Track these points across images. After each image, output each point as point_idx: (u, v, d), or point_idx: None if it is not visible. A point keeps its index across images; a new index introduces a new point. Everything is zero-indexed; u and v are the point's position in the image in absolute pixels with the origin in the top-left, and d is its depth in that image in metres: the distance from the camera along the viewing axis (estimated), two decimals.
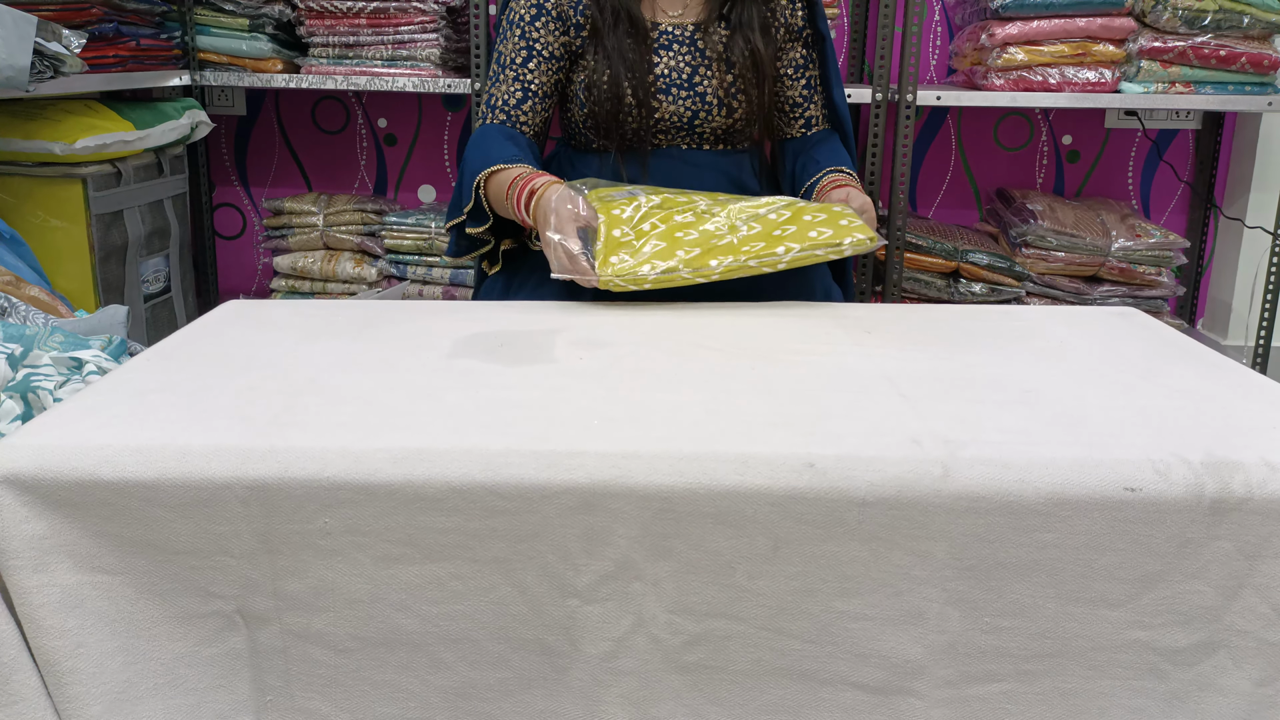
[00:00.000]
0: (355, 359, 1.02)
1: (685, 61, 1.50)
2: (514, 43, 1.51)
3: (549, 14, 1.50)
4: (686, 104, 1.50)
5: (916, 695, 0.83)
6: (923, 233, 2.53)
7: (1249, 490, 0.80)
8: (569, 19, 1.50)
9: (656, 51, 1.50)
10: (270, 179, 2.90)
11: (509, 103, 1.51)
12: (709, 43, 1.50)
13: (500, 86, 1.51)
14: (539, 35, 1.50)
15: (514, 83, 1.51)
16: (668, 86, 1.49)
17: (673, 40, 1.51)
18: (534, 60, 1.50)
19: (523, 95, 1.50)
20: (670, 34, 1.51)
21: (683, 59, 1.50)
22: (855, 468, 0.79)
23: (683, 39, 1.51)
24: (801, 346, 1.09)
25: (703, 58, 1.50)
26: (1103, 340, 1.13)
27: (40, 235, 2.06)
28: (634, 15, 1.48)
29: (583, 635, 0.82)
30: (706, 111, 1.51)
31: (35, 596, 0.78)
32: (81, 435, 0.82)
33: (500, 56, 1.52)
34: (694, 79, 1.50)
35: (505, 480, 0.79)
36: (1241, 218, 2.73)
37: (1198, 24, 2.28)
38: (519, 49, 1.51)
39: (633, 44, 1.47)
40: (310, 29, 2.46)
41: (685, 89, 1.50)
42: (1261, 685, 0.83)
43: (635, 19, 1.48)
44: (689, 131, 1.53)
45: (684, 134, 1.53)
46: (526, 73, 1.50)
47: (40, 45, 1.77)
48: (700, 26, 1.51)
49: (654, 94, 1.49)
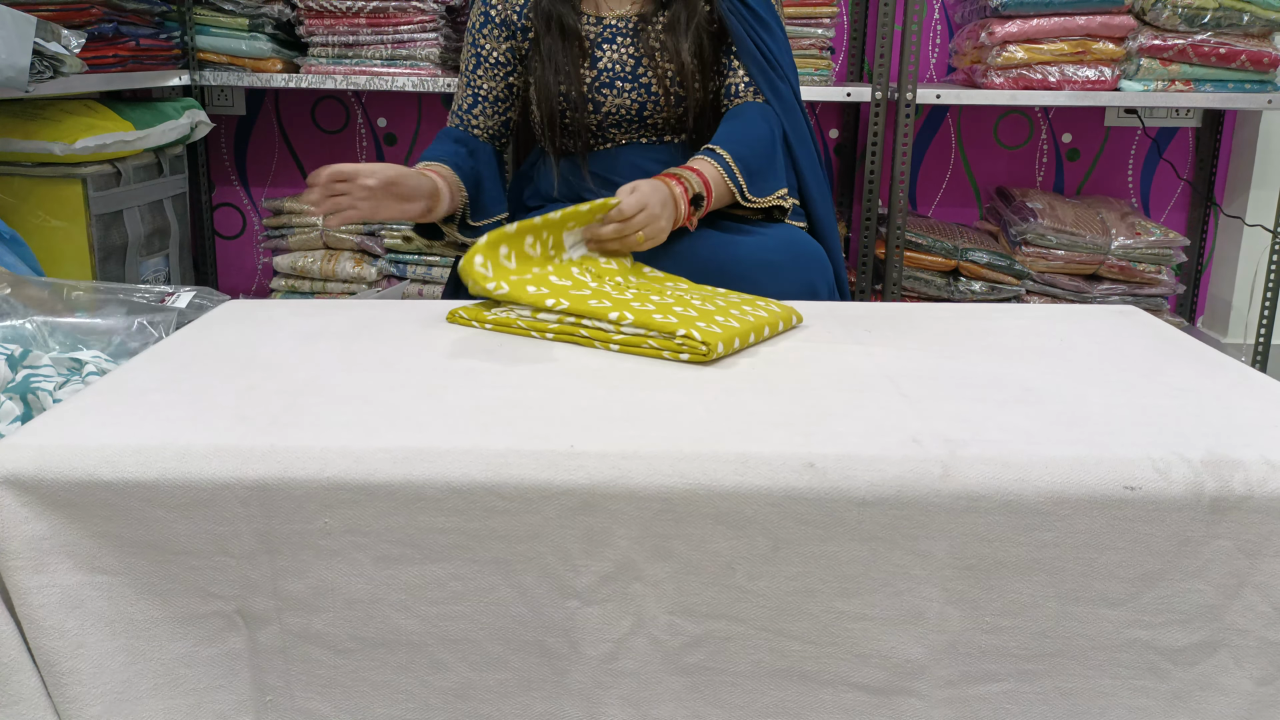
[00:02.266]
0: (355, 359, 1.02)
1: (629, 54, 1.52)
2: (467, 50, 1.60)
3: (493, 21, 1.57)
4: (632, 96, 1.52)
5: (917, 695, 0.83)
6: (922, 231, 2.53)
7: (1249, 489, 0.80)
8: (514, 25, 1.56)
9: (600, 46, 1.53)
10: (270, 179, 2.90)
11: (462, 107, 1.61)
12: (652, 33, 1.52)
13: (458, 92, 1.62)
14: (484, 43, 1.58)
15: (466, 89, 1.61)
16: (611, 80, 1.52)
17: (616, 34, 1.53)
18: (481, 67, 1.58)
19: (473, 100, 1.60)
20: (614, 27, 1.53)
21: (626, 52, 1.53)
22: (855, 467, 0.79)
23: (626, 31, 1.53)
24: (801, 346, 1.09)
25: (646, 49, 1.52)
26: (1103, 339, 1.13)
27: (40, 235, 2.06)
28: (563, 18, 1.51)
29: (582, 636, 0.82)
30: (654, 103, 1.53)
31: (35, 597, 0.78)
32: (81, 436, 0.82)
33: (463, 63, 1.61)
34: (637, 71, 1.52)
35: (505, 480, 0.79)
36: (1241, 216, 2.73)
37: (1198, 22, 2.28)
38: (470, 56, 1.60)
39: (564, 46, 1.51)
40: (310, 29, 2.46)
41: (629, 81, 1.52)
42: (1262, 684, 0.83)
43: (564, 22, 1.51)
44: (640, 124, 1.55)
45: (637, 128, 1.55)
46: (476, 79, 1.59)
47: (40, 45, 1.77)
48: (644, 18, 1.53)
49: (598, 89, 1.52)
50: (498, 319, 1.13)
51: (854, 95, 2.41)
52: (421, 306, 1.25)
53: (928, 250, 2.51)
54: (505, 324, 1.13)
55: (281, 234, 2.68)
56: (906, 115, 2.36)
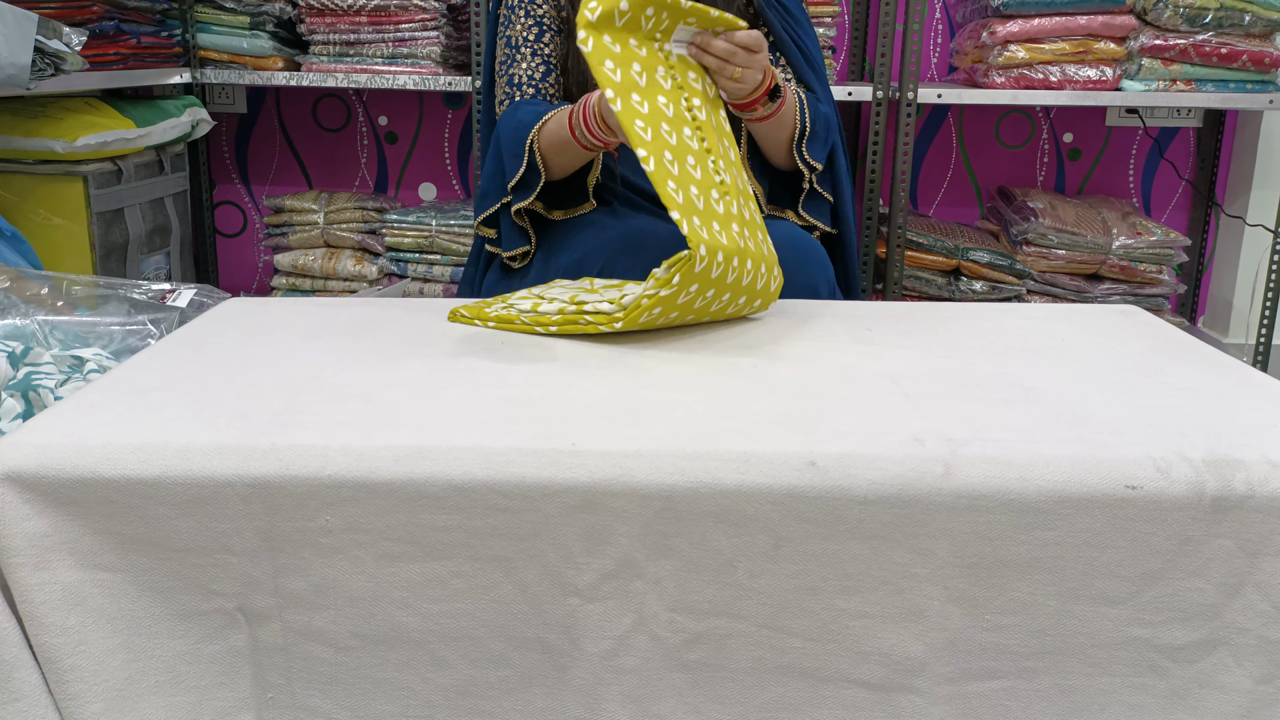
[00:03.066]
0: (356, 357, 1.02)
1: None
2: (522, 23, 1.51)
3: None
4: None
5: (917, 692, 0.83)
6: (924, 230, 2.53)
7: (1250, 488, 0.80)
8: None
9: None
10: (271, 177, 2.90)
11: (534, 77, 1.50)
12: None
13: (520, 65, 1.50)
14: (543, 10, 1.50)
15: (534, 58, 1.50)
16: None
17: None
18: (546, 34, 1.50)
19: (546, 69, 1.50)
20: None
21: None
22: (857, 466, 0.79)
23: None
24: (803, 345, 1.09)
25: None
26: (1104, 338, 1.13)
27: (41, 233, 2.06)
28: None
29: (584, 633, 0.82)
30: None
31: (36, 594, 0.78)
32: (82, 433, 0.82)
33: (510, 40, 1.51)
34: None
35: (506, 478, 0.79)
36: (1242, 215, 2.73)
37: (1199, 22, 2.27)
38: (529, 27, 1.50)
39: None
40: (311, 27, 2.46)
41: None
42: (1262, 683, 0.83)
43: None
44: None
45: None
46: (543, 46, 1.50)
47: (41, 43, 1.77)
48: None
49: None
50: (500, 316, 1.13)
51: (855, 94, 2.41)
52: (423, 304, 1.25)
53: (929, 250, 2.51)
54: (507, 320, 1.13)
55: (282, 232, 2.68)
56: (908, 114, 2.36)
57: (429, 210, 2.64)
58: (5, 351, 1.07)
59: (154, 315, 1.33)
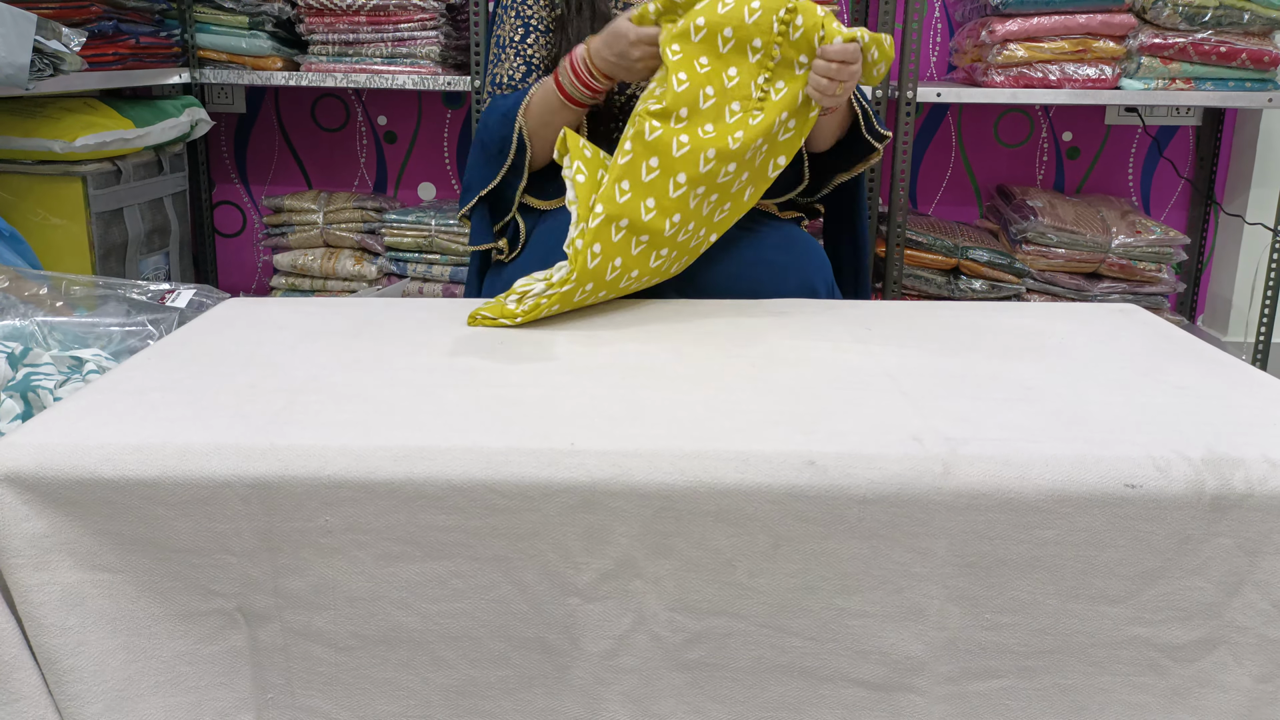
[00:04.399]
0: (355, 357, 1.02)
1: None
2: (511, 23, 1.56)
3: None
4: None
5: (917, 692, 0.83)
6: (923, 229, 2.53)
7: (1249, 486, 0.80)
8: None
9: None
10: (270, 177, 2.90)
11: (514, 77, 1.55)
12: None
13: (503, 65, 1.56)
14: (532, 10, 1.55)
15: (516, 58, 1.55)
16: None
17: None
18: (532, 35, 1.55)
19: (527, 69, 1.55)
20: None
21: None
22: (856, 465, 0.79)
23: None
24: (802, 344, 1.09)
25: None
26: (1103, 337, 1.13)
27: (40, 233, 2.06)
28: (595, 2, 1.50)
29: (583, 633, 0.82)
30: None
31: (36, 594, 0.78)
32: (82, 434, 0.82)
33: (499, 39, 1.57)
34: None
35: (505, 478, 0.79)
36: (1242, 214, 2.73)
37: (1198, 20, 2.27)
38: (516, 27, 1.55)
39: (593, 29, 1.48)
40: (310, 26, 2.46)
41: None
42: (1262, 681, 0.83)
43: (595, 6, 1.50)
44: None
45: None
46: (526, 47, 1.55)
47: (40, 43, 1.77)
48: None
49: None
50: (525, 311, 1.14)
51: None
52: (422, 304, 1.25)
53: (928, 248, 2.51)
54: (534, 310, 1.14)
55: (281, 232, 2.68)
56: (907, 113, 2.36)
57: (428, 210, 2.64)
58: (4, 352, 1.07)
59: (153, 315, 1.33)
